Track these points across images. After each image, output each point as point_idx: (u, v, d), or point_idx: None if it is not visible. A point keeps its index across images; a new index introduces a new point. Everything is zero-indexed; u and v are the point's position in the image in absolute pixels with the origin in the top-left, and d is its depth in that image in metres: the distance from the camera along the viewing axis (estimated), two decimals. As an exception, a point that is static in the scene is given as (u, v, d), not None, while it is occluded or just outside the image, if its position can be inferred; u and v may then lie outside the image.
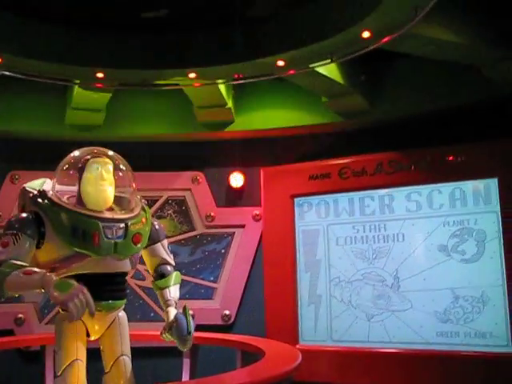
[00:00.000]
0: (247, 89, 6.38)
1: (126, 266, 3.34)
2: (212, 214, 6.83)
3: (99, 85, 5.57)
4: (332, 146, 6.33)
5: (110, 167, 3.28)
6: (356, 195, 6.16)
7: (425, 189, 5.82)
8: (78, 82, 5.60)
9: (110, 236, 3.20)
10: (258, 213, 6.77)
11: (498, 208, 5.47)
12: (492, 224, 5.49)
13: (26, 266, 2.97)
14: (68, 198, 3.26)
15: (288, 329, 6.23)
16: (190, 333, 3.28)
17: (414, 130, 5.89)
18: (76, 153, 3.40)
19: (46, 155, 6.51)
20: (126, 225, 3.26)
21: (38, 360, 5.95)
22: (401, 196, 5.93)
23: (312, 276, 6.31)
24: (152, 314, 6.75)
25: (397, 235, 5.92)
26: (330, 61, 4.90)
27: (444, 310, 5.63)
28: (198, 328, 5.65)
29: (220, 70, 5.32)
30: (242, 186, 6.81)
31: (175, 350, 4.83)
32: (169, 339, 3.40)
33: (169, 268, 3.58)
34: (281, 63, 5.03)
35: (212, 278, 6.83)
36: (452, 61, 5.34)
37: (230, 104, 6.36)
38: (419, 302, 5.75)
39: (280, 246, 6.44)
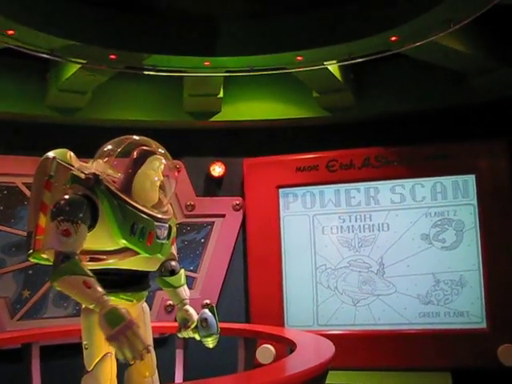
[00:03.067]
0: (236, 79, 6.46)
1: (157, 265, 3.37)
2: (192, 203, 6.83)
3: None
4: (318, 140, 6.62)
5: (163, 167, 3.29)
6: (342, 187, 6.53)
7: (408, 182, 6.34)
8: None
9: (160, 236, 3.20)
10: (238, 203, 6.89)
11: (474, 201, 6.15)
12: (469, 215, 6.15)
13: (89, 273, 2.82)
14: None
15: (274, 315, 6.45)
16: (218, 332, 3.46)
17: (399, 127, 6.39)
18: (129, 140, 3.33)
19: (24, 137, 6.19)
20: (170, 226, 3.30)
21: (16, 360, 5.61)
22: (386, 188, 6.41)
23: (298, 263, 6.58)
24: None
25: (382, 225, 6.39)
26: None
27: (426, 293, 6.21)
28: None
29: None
30: (223, 175, 6.88)
31: (168, 340, 4.85)
32: (189, 336, 3.55)
33: (174, 263, 3.61)
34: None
35: (192, 268, 6.83)
36: (440, 65, 5.85)
37: (221, 94, 6.41)
38: (403, 286, 6.28)
39: (265, 234, 6.63)
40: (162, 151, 3.34)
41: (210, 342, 3.50)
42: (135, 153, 3.24)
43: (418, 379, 5.93)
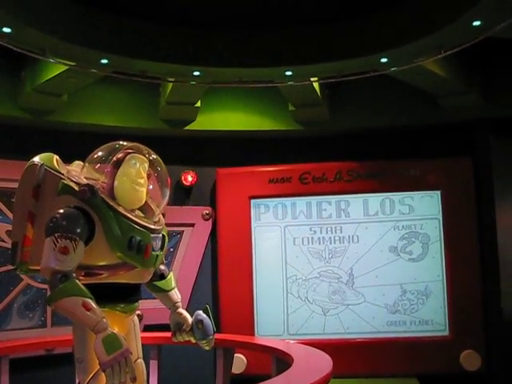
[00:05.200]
0: (213, 89, 6.47)
1: (150, 276, 3.28)
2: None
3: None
4: (291, 153, 6.76)
5: (147, 166, 3.15)
6: (314, 199, 6.70)
7: (378, 196, 6.61)
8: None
9: (155, 248, 3.13)
10: (208, 212, 6.89)
11: (440, 216, 6.51)
12: (435, 229, 6.52)
13: (87, 294, 2.73)
14: None
15: (244, 324, 6.50)
16: (214, 333, 3.49)
17: (371, 142, 6.65)
18: (111, 145, 3.19)
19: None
20: (163, 236, 3.23)
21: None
22: (356, 202, 6.64)
23: (269, 274, 6.67)
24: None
25: (352, 237, 6.62)
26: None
27: (393, 303, 6.50)
28: (149, 328, 5.69)
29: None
30: (193, 184, 6.85)
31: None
32: (184, 339, 3.51)
33: (163, 267, 3.54)
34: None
35: (161, 277, 6.73)
36: (412, 84, 6.15)
37: (198, 103, 6.40)
38: (371, 296, 6.53)
39: (236, 244, 6.67)
40: (154, 157, 3.22)
41: (207, 345, 3.47)
42: (116, 157, 3.08)
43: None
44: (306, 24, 5.39)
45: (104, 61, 5.19)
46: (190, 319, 3.50)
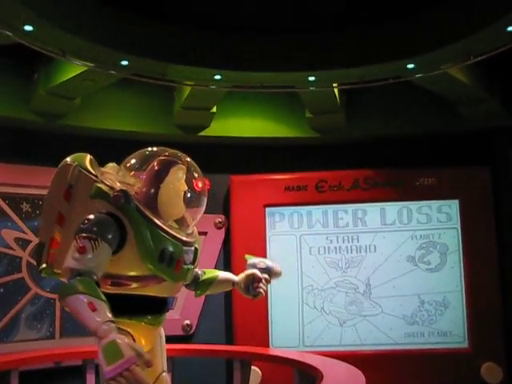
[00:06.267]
0: (229, 95, 6.34)
1: (179, 289, 3.10)
2: (173, 219, 6.57)
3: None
4: (307, 160, 6.64)
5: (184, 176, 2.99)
6: (330, 208, 6.57)
7: (396, 205, 6.50)
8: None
9: (186, 262, 2.97)
10: (220, 220, 6.73)
11: (458, 225, 6.42)
12: (453, 238, 6.42)
13: (99, 295, 2.51)
14: None
15: (258, 335, 6.34)
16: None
17: (389, 150, 6.55)
18: (146, 151, 3.06)
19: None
20: (196, 249, 3.08)
21: None
22: (374, 211, 6.53)
23: (284, 283, 6.49)
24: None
25: (369, 246, 6.50)
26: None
27: (411, 314, 6.38)
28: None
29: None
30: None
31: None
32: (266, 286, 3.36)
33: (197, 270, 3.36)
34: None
35: (172, 287, 6.55)
36: (432, 91, 6.05)
37: (214, 109, 6.26)
38: (389, 307, 6.40)
39: (250, 253, 6.49)
40: (188, 159, 3.07)
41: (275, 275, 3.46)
42: (156, 164, 2.94)
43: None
44: (331, 29, 5.28)
45: (124, 62, 5.03)
46: (254, 270, 3.38)
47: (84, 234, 2.66)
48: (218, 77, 5.39)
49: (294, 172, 6.57)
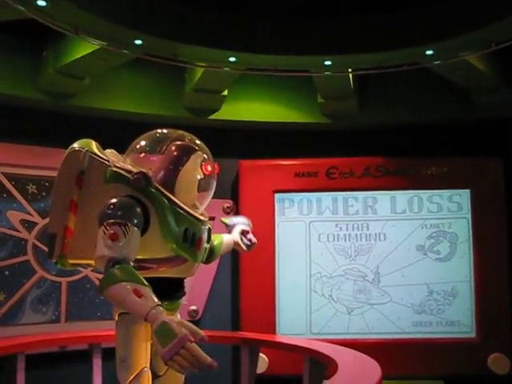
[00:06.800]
0: (240, 78, 6.22)
1: (196, 271, 3.20)
2: (181, 205, 6.48)
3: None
4: (318, 146, 6.54)
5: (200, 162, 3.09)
6: (340, 195, 6.49)
7: (407, 194, 6.43)
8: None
9: (204, 241, 3.07)
10: (228, 205, 6.64)
11: (468, 215, 6.36)
12: (463, 228, 6.37)
13: (141, 280, 2.52)
14: None
15: (265, 321, 6.28)
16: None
17: (401, 138, 6.46)
18: (156, 134, 3.14)
19: (7, 121, 5.56)
20: (209, 229, 3.17)
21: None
22: (384, 199, 6.46)
23: (292, 270, 6.46)
24: (114, 311, 6.17)
25: (379, 235, 6.43)
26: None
27: (420, 303, 6.34)
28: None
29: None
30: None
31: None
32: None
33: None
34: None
35: (179, 272, 6.48)
36: (446, 79, 5.96)
37: (225, 92, 6.14)
38: (397, 296, 6.36)
39: (259, 239, 6.36)
40: (200, 143, 3.13)
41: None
42: (176, 148, 2.99)
43: (413, 388, 6.02)
44: (349, 13, 5.16)
45: (138, 41, 4.90)
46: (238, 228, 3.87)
47: (112, 220, 2.63)
48: (232, 59, 5.27)
49: (304, 158, 6.47)
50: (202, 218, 3.01)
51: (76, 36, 4.65)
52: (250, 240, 3.88)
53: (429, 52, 5.15)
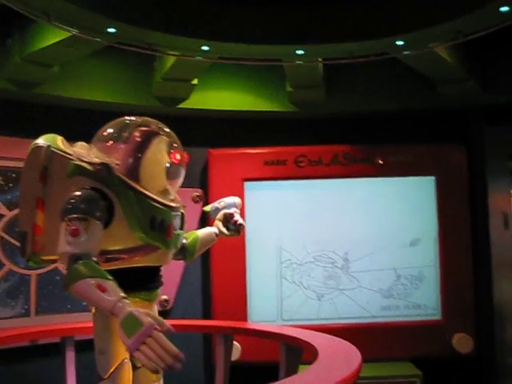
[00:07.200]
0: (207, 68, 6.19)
1: (171, 257, 3.18)
2: (150, 194, 6.43)
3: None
4: (286, 135, 6.60)
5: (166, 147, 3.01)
6: (308, 183, 6.57)
7: (374, 181, 6.56)
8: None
9: (176, 227, 3.04)
10: (198, 194, 6.64)
11: (434, 201, 6.55)
12: (429, 215, 6.54)
13: (104, 274, 2.52)
14: None
15: (237, 309, 6.33)
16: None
17: (367, 126, 6.58)
18: (121, 121, 3.05)
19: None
20: (183, 214, 3.15)
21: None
22: (352, 186, 6.57)
23: (262, 258, 6.51)
24: (84, 303, 6.07)
25: (347, 222, 6.55)
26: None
27: (388, 288, 6.50)
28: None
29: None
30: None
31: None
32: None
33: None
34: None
35: (149, 262, 6.43)
36: (411, 68, 6.08)
37: (195, 81, 6.11)
38: (366, 281, 6.50)
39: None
40: (167, 130, 3.07)
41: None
42: (137, 135, 2.92)
43: (382, 368, 6.18)
44: (322, 3, 5.19)
45: (111, 29, 4.80)
46: (221, 213, 3.66)
47: (74, 216, 2.61)
48: (205, 48, 5.24)
49: (273, 146, 6.51)
50: (172, 204, 2.98)
51: (48, 23, 4.50)
52: (235, 223, 3.60)
53: (399, 42, 5.23)
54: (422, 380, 5.88)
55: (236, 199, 3.72)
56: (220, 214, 3.68)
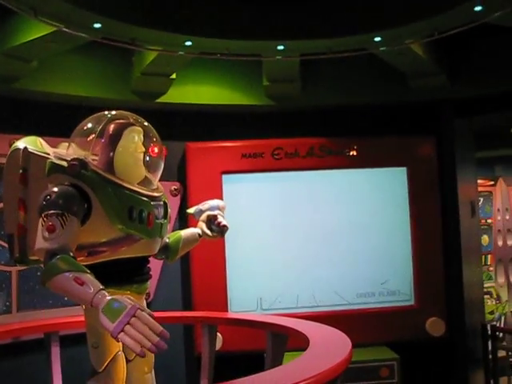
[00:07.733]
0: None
1: (158, 246, 3.25)
2: (129, 187, 6.44)
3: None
4: (263, 128, 6.69)
5: (142, 137, 3.07)
6: (286, 175, 6.70)
7: (349, 172, 6.75)
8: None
9: (158, 216, 3.07)
10: (176, 188, 6.68)
11: (406, 191, 6.79)
12: (401, 204, 6.78)
13: (80, 267, 2.58)
14: None
15: (217, 300, 6.43)
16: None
17: (341, 119, 6.73)
18: (98, 116, 3.12)
19: None
20: (165, 203, 3.19)
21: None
22: (328, 177, 6.74)
23: (242, 249, 6.62)
24: (66, 299, 6.06)
25: (323, 212, 6.72)
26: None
27: (363, 276, 6.71)
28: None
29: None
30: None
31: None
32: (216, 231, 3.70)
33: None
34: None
35: (129, 256, 6.46)
36: (385, 62, 6.25)
37: (174, 75, 6.14)
38: (342, 270, 6.69)
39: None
40: (145, 123, 3.16)
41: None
42: (110, 128, 3.00)
43: (361, 353, 6.36)
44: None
45: (97, 25, 4.80)
46: (204, 215, 3.69)
47: (50, 212, 2.66)
48: (188, 43, 5.28)
49: (250, 139, 6.61)
50: (152, 193, 3.01)
51: (34, 18, 4.46)
52: (218, 224, 3.67)
53: (377, 39, 5.40)
54: (400, 363, 6.11)
55: (220, 202, 3.83)
56: (204, 216, 3.72)
